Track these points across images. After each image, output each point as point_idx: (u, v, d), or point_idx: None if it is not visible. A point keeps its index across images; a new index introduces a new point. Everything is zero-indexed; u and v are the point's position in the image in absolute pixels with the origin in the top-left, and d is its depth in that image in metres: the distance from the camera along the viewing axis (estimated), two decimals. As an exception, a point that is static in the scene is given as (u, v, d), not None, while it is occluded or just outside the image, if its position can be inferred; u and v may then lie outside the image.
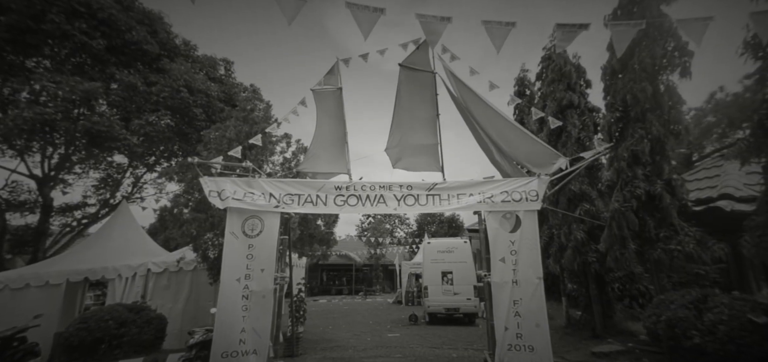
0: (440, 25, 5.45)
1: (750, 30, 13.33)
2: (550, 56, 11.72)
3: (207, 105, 14.37)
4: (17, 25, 11.69)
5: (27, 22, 11.71)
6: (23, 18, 11.63)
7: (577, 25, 6.07)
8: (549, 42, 11.89)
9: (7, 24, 11.62)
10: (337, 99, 7.49)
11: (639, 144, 8.74)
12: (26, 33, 12.02)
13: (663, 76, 9.38)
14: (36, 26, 11.81)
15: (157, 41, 14.15)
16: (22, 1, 11.62)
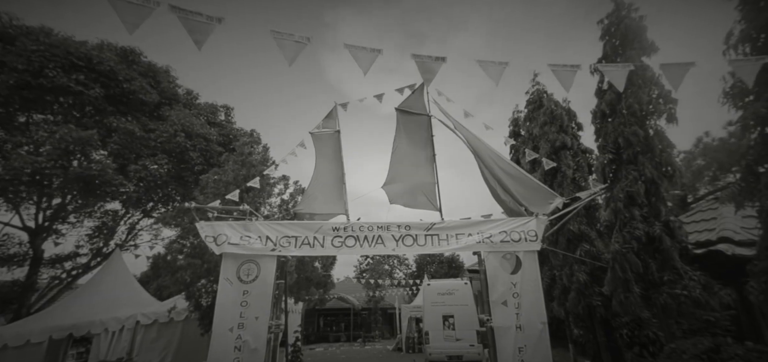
0: (435, 64, 5.71)
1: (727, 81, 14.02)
2: (534, 100, 12.28)
3: (205, 149, 14.56)
4: (18, 83, 12.11)
5: (27, 79, 12.15)
6: (22, 76, 12.06)
7: (569, 66, 6.38)
8: (531, 86, 12.52)
9: (9, 83, 12.05)
10: (336, 141, 7.65)
11: (633, 185, 8.88)
12: (24, 89, 12.40)
13: (651, 121, 9.74)
14: (34, 81, 12.22)
15: (159, 91, 14.62)
16: (22, 60, 12.10)
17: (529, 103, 12.76)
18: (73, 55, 12.79)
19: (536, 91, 12.56)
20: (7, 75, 12.02)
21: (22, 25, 13.14)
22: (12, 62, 11.97)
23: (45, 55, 12.29)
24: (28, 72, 12.13)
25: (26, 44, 12.28)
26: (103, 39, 14.56)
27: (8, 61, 12.02)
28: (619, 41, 9.20)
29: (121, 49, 14.65)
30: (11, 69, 12.00)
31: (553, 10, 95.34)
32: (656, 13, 21.40)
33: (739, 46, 13.05)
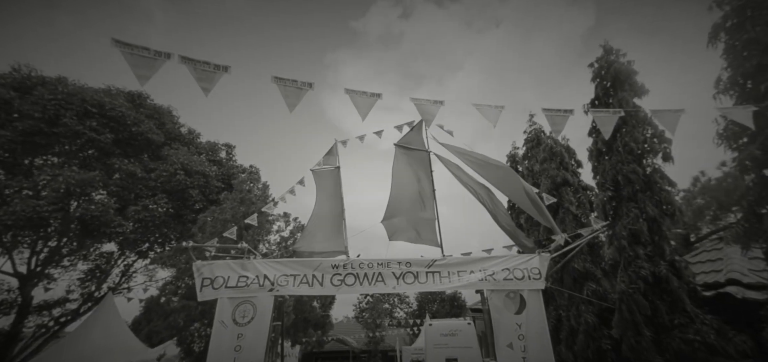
0: (433, 107, 5.88)
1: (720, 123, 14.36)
2: (532, 138, 12.56)
3: (205, 186, 14.62)
4: (30, 129, 12.50)
5: (40, 126, 12.53)
6: (37, 123, 12.48)
7: (562, 110, 6.57)
8: (528, 126, 12.87)
9: (21, 130, 12.40)
10: (335, 178, 7.70)
11: (636, 223, 8.84)
12: (36, 135, 12.75)
13: (648, 160, 9.88)
14: (49, 129, 12.63)
15: (164, 131, 14.98)
16: (38, 108, 12.56)
17: (526, 141, 13.02)
18: (87, 102, 13.32)
19: (533, 130, 12.86)
20: (22, 122, 12.38)
21: (40, 76, 13.75)
22: (29, 111, 12.41)
23: (61, 104, 12.82)
24: (43, 120, 12.56)
25: (43, 93, 12.81)
26: (110, 84, 15.14)
27: (25, 110, 12.45)
28: (610, 83, 9.55)
29: (129, 93, 15.19)
30: (28, 117, 12.40)
31: (545, 53, 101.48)
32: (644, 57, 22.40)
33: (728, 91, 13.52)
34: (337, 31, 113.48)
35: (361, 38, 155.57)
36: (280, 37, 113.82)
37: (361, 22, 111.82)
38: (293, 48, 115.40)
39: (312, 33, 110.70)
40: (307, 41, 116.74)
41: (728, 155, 14.44)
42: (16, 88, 13.23)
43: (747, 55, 13.38)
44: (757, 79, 13.39)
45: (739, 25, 13.35)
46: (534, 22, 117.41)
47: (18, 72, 13.65)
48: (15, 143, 12.52)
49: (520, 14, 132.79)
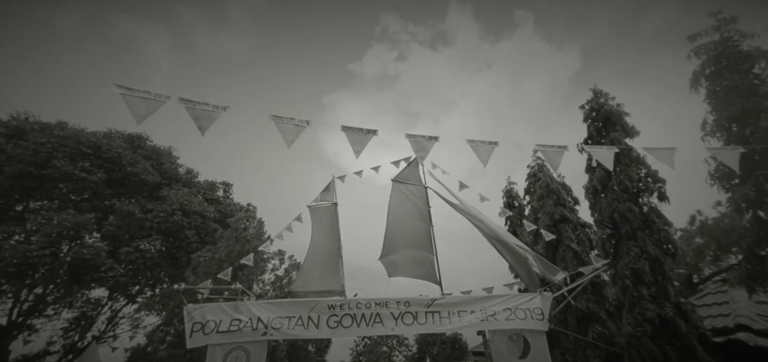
0: (428, 143, 5.99)
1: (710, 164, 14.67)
2: (535, 173, 12.57)
3: (201, 226, 14.46)
4: (19, 173, 12.57)
5: (29, 170, 12.62)
6: (26, 166, 12.57)
7: (556, 146, 6.71)
8: (532, 160, 12.92)
9: (10, 173, 12.48)
10: (333, 214, 7.64)
11: (637, 262, 8.73)
12: (25, 178, 12.79)
13: (644, 199, 9.95)
14: (37, 172, 12.69)
15: (162, 171, 15.08)
16: (29, 152, 12.73)
17: (529, 176, 13.06)
18: (83, 144, 13.50)
19: (538, 165, 12.93)
20: (11, 166, 12.45)
21: (37, 122, 14.07)
22: (20, 155, 12.54)
23: (54, 147, 12.98)
24: (34, 163, 12.64)
25: (36, 138, 13.01)
26: (111, 128, 15.43)
27: (16, 154, 12.59)
28: (601, 124, 9.84)
29: (128, 136, 15.45)
30: (17, 160, 12.49)
31: (535, 94, 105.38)
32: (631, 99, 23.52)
33: (715, 134, 13.95)
34: (334, 73, 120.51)
35: (358, 79, 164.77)
36: (279, 79, 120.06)
37: (357, 65, 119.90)
38: (292, 89, 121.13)
39: (310, 75, 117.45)
40: (306, 83, 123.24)
41: (722, 195, 14.66)
42: (10, 135, 13.47)
43: (729, 101, 13.99)
44: (742, 123, 13.90)
45: (718, 73, 14.07)
46: (523, 66, 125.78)
47: (16, 119, 13.96)
48: (3, 188, 12.51)
49: (509, 58, 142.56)
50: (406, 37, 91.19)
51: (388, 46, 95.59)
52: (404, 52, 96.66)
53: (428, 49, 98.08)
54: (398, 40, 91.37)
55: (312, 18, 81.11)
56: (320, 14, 79.08)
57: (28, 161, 12.64)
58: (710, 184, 14.40)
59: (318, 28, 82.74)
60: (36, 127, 13.91)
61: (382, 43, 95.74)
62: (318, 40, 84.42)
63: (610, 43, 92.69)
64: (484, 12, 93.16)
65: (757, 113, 13.41)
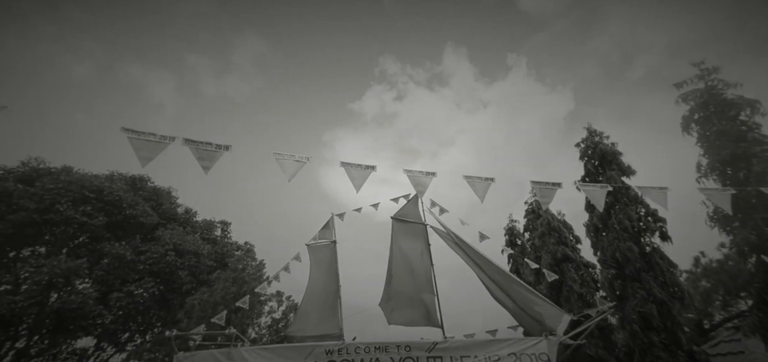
0: (426, 179, 6.05)
1: (708, 206, 14.72)
2: (533, 210, 12.52)
3: (195, 266, 14.13)
4: (23, 221, 12.57)
5: (32, 217, 12.63)
6: (30, 214, 12.60)
7: (550, 183, 6.77)
8: (530, 197, 12.92)
9: (13, 221, 12.49)
10: (331, 252, 7.50)
11: (644, 306, 8.51)
12: (28, 226, 12.77)
13: (645, 238, 9.89)
14: (40, 218, 12.69)
15: (160, 212, 14.99)
16: (35, 198, 12.83)
17: (527, 212, 13.00)
18: (86, 188, 13.63)
19: (535, 201, 12.94)
20: (16, 215, 12.48)
21: (46, 168, 14.30)
22: (24, 203, 12.64)
23: (59, 192, 13.11)
24: (37, 210, 12.70)
25: (45, 183, 13.18)
26: (114, 170, 15.59)
27: (21, 202, 12.69)
28: (597, 162, 10.01)
29: (130, 178, 15.58)
30: (22, 209, 12.56)
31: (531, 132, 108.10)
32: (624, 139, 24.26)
33: (710, 176, 14.17)
34: (334, 112, 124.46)
35: (358, 118, 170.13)
36: (280, 119, 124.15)
37: (357, 104, 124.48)
38: (292, 128, 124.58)
39: (311, 114, 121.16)
40: (306, 121, 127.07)
41: (723, 237, 14.56)
42: (21, 180, 13.63)
43: (720, 145, 14.38)
44: (735, 167, 14.17)
45: (707, 119, 14.60)
46: (518, 105, 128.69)
47: (27, 165, 14.21)
48: (3, 236, 12.42)
49: (504, 98, 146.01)
50: (403, 78, 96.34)
51: (387, 86, 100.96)
52: (402, 92, 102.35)
53: (425, 89, 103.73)
54: (396, 80, 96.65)
55: (313, 61, 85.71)
56: (321, 58, 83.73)
57: (32, 208, 12.70)
58: (710, 226, 14.37)
59: (319, 70, 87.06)
60: (43, 172, 14.11)
61: (381, 84, 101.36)
62: (318, 82, 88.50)
63: (601, 86, 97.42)
64: (477, 55, 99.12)
65: (748, 158, 13.74)
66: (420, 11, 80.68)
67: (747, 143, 13.47)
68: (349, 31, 79.12)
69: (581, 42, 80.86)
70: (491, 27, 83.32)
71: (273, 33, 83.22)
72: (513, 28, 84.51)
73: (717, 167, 14.17)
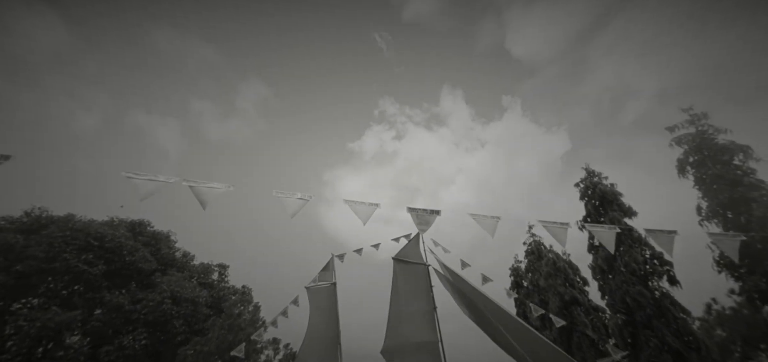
0: (430, 217, 6.03)
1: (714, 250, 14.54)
2: (533, 251, 12.27)
3: (191, 314, 13.64)
4: (30, 270, 12.47)
5: (40, 266, 12.55)
6: (39, 263, 12.53)
7: (558, 223, 6.72)
8: (527, 236, 12.73)
9: (19, 272, 12.38)
10: (331, 295, 7.26)
11: (659, 356, 8.11)
12: (34, 275, 12.65)
13: (653, 282, 9.64)
14: (47, 266, 12.59)
15: (159, 257, 14.80)
16: (43, 247, 12.83)
17: (527, 253, 12.75)
18: (91, 236, 13.64)
19: (533, 242, 12.75)
20: (24, 264, 12.40)
21: (49, 216, 14.37)
22: (33, 252, 12.61)
23: (67, 240, 13.12)
24: (45, 258, 12.65)
25: (52, 231, 13.19)
26: (114, 216, 15.61)
27: (30, 251, 12.67)
28: (598, 202, 10.00)
29: (130, 223, 15.56)
30: (32, 257, 12.51)
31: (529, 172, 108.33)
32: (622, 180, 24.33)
33: (712, 219, 14.15)
34: (335, 152, 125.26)
35: (358, 157, 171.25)
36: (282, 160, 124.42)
37: (357, 144, 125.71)
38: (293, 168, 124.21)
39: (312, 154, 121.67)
40: (307, 162, 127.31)
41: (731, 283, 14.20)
42: (24, 231, 13.64)
43: (717, 189, 14.51)
44: (735, 211, 14.19)
45: (701, 162, 14.87)
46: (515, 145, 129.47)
47: (30, 215, 14.30)
48: (6, 288, 12.24)
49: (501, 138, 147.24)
50: (402, 119, 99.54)
51: (386, 126, 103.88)
52: (401, 131, 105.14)
53: (424, 129, 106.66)
54: (395, 121, 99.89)
55: (314, 104, 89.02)
56: (322, 101, 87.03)
57: (40, 257, 12.65)
58: (718, 271, 14.08)
59: (319, 112, 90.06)
60: (46, 221, 14.16)
61: (381, 124, 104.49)
62: (319, 123, 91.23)
63: (595, 129, 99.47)
64: (473, 97, 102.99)
65: (747, 202, 13.79)
66: (416, 57, 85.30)
67: (744, 188, 13.61)
68: (350, 76, 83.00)
69: (573, 87, 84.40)
70: (486, 71, 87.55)
71: (276, 78, 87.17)
72: (506, 72, 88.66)
73: (718, 211, 14.19)
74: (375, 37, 79.97)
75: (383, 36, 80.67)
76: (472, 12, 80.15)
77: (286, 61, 78.74)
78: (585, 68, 78.27)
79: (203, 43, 76.16)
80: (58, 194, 36.27)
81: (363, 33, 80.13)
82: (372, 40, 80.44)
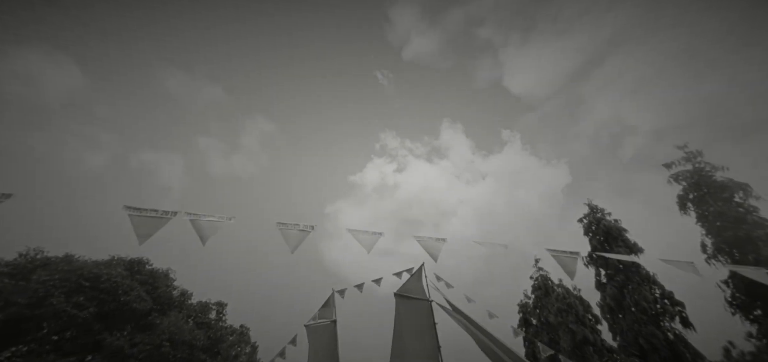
0: (437, 244, 5.92)
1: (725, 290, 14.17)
2: (540, 286, 11.81)
3: (188, 359, 13.02)
4: (13, 317, 12.09)
5: (23, 312, 12.17)
6: (21, 309, 12.18)
7: (568, 252, 6.57)
8: (535, 272, 12.28)
9: (2, 320, 12.04)
10: (331, 333, 6.93)
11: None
12: (21, 321, 12.26)
13: (665, 323, 9.28)
14: (31, 313, 12.21)
15: (155, 296, 14.39)
16: (26, 294, 12.52)
17: (534, 289, 12.29)
18: (83, 277, 13.31)
19: (540, 277, 12.33)
20: (4, 312, 12.08)
21: (45, 257, 14.14)
22: (16, 299, 12.29)
23: (55, 284, 12.79)
24: (29, 305, 12.29)
25: (40, 276, 12.93)
26: (114, 255, 15.28)
27: (12, 298, 12.35)
28: (603, 238, 9.83)
29: (129, 261, 15.26)
30: (13, 304, 12.18)
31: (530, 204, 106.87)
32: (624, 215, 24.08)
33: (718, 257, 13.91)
34: (337, 186, 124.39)
35: (359, 190, 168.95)
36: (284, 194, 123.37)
37: (358, 176, 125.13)
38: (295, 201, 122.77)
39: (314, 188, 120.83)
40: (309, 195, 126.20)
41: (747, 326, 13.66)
42: (13, 275, 13.36)
43: (721, 226, 14.38)
44: (741, 249, 13.98)
45: (701, 199, 14.86)
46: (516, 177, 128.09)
47: (24, 257, 14.10)
48: None
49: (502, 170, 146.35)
50: (403, 152, 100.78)
51: (388, 159, 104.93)
52: (402, 164, 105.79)
53: (425, 161, 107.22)
54: (396, 154, 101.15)
55: (317, 139, 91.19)
56: (324, 135, 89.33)
57: (23, 304, 12.29)
58: (731, 312, 13.63)
59: (322, 147, 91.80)
60: (39, 263, 13.92)
61: (382, 157, 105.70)
62: (321, 157, 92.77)
63: (595, 163, 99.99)
64: (473, 131, 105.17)
65: (753, 241, 13.62)
66: (417, 93, 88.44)
67: (748, 226, 13.52)
68: (352, 110, 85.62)
69: (571, 123, 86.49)
70: (485, 106, 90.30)
71: (280, 114, 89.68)
72: (505, 107, 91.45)
73: (723, 249, 14.00)
74: (377, 75, 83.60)
75: (384, 73, 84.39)
76: (469, 52, 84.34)
77: (290, 97, 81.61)
78: (581, 105, 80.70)
79: (211, 82, 79.25)
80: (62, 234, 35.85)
81: (365, 71, 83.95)
82: (373, 77, 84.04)
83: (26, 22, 57.10)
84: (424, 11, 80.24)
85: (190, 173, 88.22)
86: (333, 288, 7.35)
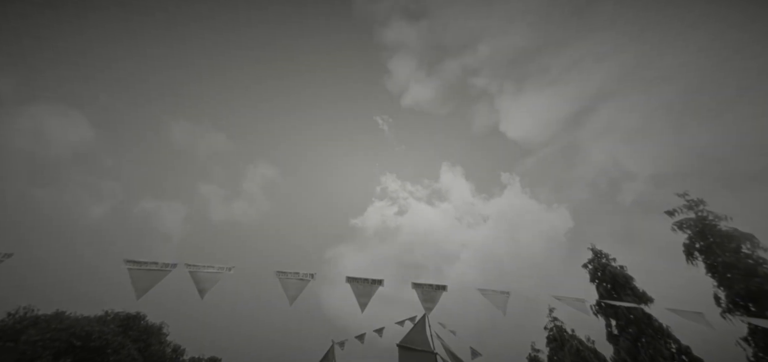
0: (436, 293, 5.81)
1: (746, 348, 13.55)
2: (555, 338, 11.15)
3: None
4: None
5: None
6: None
7: (573, 298, 6.41)
8: (549, 321, 11.65)
9: None
10: (331, 389, 6.56)
11: None
12: None
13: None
14: None
15: (148, 354, 13.87)
16: (14, 355, 12.23)
17: (549, 340, 11.62)
18: (75, 335, 13.01)
19: (555, 327, 11.69)
20: None
21: (34, 316, 13.93)
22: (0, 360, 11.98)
23: (44, 345, 12.49)
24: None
25: (30, 336, 12.67)
26: (108, 310, 14.99)
27: None
28: (610, 285, 9.55)
29: (124, 317, 14.94)
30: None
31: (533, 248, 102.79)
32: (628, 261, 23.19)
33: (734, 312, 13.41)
34: (337, 229, 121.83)
35: (360, 233, 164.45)
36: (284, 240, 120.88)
37: (359, 220, 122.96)
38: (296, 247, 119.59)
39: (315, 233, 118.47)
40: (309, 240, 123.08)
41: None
42: (1, 337, 13.12)
43: (732, 278, 14.00)
44: (758, 304, 13.52)
45: (708, 248, 14.58)
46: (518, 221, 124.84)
47: (13, 316, 13.92)
48: None
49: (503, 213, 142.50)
50: (404, 194, 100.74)
51: (388, 202, 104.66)
52: (403, 207, 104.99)
53: (426, 204, 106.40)
54: (397, 196, 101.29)
55: (318, 184, 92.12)
56: (326, 180, 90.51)
57: None
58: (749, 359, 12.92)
59: (323, 192, 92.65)
60: (29, 323, 13.67)
61: (383, 200, 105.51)
62: (322, 202, 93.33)
63: (596, 208, 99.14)
64: (473, 174, 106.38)
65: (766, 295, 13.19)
66: (416, 137, 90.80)
67: (761, 279, 13.24)
68: (352, 154, 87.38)
69: (569, 168, 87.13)
70: (483, 151, 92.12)
71: (282, 159, 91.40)
72: (503, 152, 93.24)
73: (738, 303, 13.59)
74: (377, 120, 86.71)
75: (384, 118, 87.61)
76: (466, 99, 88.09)
77: (292, 142, 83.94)
78: (578, 151, 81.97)
79: (215, 131, 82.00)
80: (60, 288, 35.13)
81: (365, 116, 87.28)
82: (374, 122, 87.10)
83: (38, 78, 60.53)
84: (421, 62, 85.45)
85: (191, 220, 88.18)
86: (333, 340, 7.08)
